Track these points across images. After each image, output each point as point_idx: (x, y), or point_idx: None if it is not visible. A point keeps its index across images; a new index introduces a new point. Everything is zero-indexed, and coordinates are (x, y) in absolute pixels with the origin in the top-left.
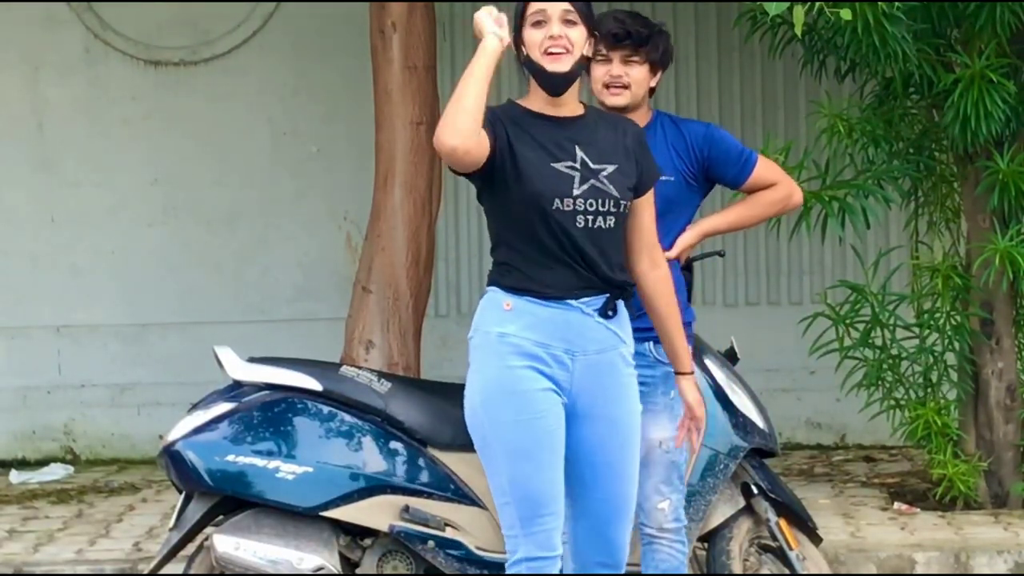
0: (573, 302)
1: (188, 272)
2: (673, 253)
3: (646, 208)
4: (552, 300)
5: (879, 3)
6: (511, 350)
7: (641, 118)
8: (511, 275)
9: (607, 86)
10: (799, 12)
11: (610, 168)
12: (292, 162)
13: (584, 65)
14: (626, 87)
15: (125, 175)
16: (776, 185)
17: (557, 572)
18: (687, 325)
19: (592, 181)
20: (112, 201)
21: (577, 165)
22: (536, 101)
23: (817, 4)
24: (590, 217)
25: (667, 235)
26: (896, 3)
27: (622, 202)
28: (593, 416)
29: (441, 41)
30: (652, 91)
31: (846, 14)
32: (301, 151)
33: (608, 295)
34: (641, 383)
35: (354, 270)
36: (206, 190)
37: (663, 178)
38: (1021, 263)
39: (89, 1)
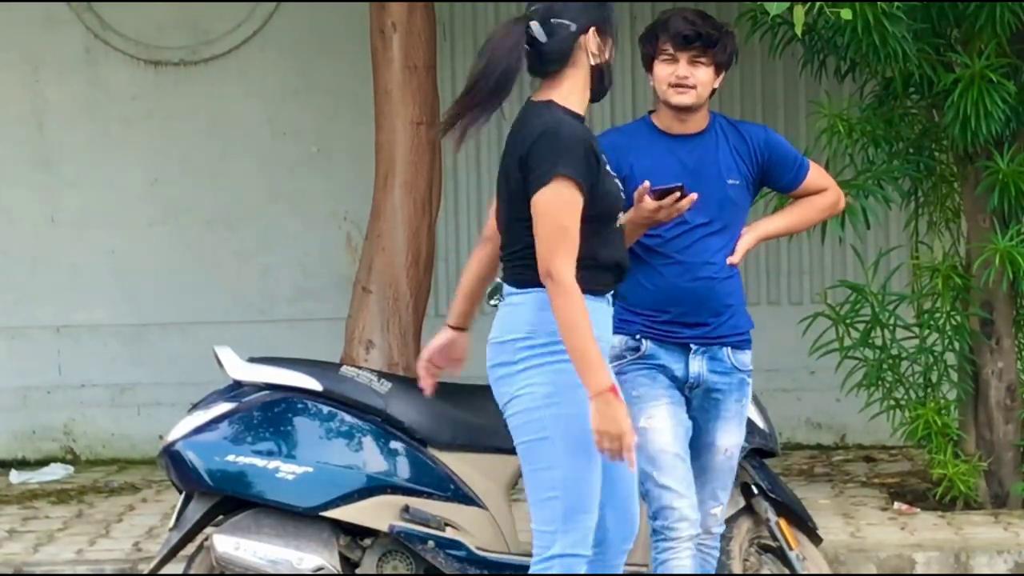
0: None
1: (188, 272)
2: (736, 259)
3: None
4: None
5: (879, 3)
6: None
7: (701, 120)
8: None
9: (672, 85)
10: (799, 12)
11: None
12: (292, 162)
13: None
14: (693, 87)
15: (125, 175)
16: (826, 191)
17: (586, 573)
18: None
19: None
20: (112, 201)
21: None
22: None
23: (817, 4)
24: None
25: (731, 239)
26: (896, 3)
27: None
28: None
29: (441, 41)
30: (713, 92)
31: (846, 14)
32: (301, 151)
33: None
34: (717, 390)
35: (354, 270)
36: (206, 190)
37: (729, 182)
38: (1021, 263)
39: (89, 1)
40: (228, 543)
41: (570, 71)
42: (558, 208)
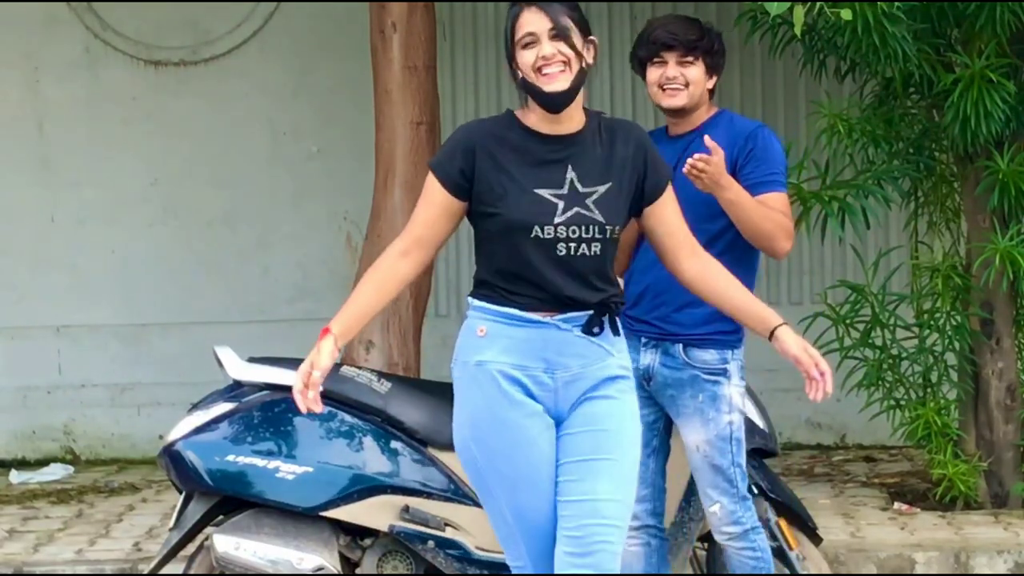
0: (549, 320)
1: (188, 272)
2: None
3: (666, 210)
4: (527, 321)
5: (879, 3)
6: (491, 378)
7: (702, 118)
8: (489, 294)
9: (662, 87)
10: (799, 12)
11: (601, 189)
12: (292, 162)
13: (583, 78)
14: (684, 86)
15: (125, 175)
16: (784, 216)
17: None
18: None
19: (577, 208)
20: (112, 201)
21: (564, 191)
22: (533, 116)
23: (817, 4)
24: (572, 245)
25: (708, 226)
26: (896, 3)
27: (608, 227)
28: (575, 414)
29: (441, 41)
30: (711, 91)
31: (846, 14)
32: (301, 151)
33: (591, 312)
34: (669, 385)
35: (354, 270)
36: (206, 190)
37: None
38: (1021, 263)
39: (89, 1)
40: (228, 543)
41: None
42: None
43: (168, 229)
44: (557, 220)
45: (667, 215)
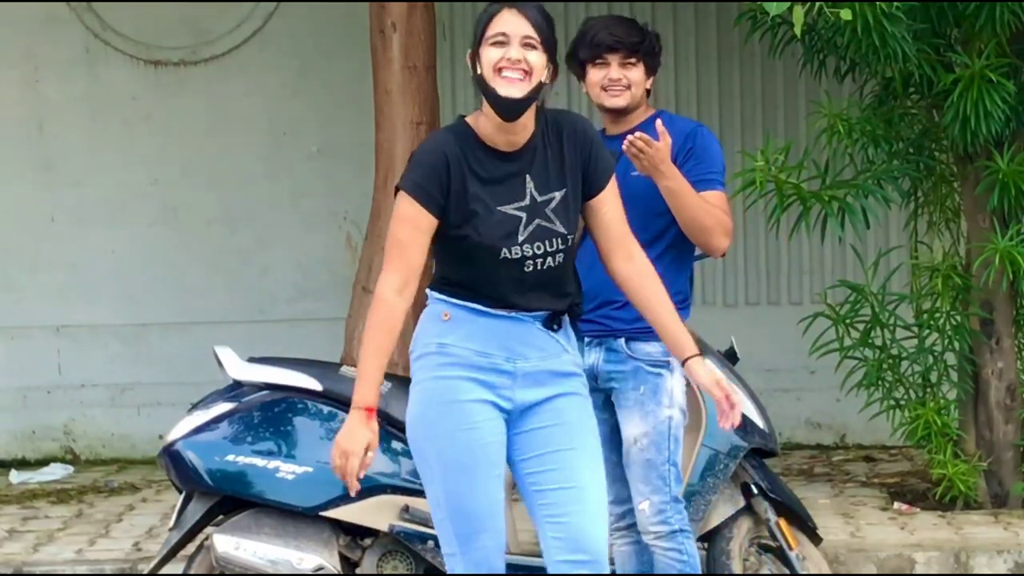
0: (512, 313)
1: (188, 272)
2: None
3: (605, 205)
4: (491, 314)
5: (879, 3)
6: (449, 360)
7: (640, 118)
8: (454, 290)
9: (605, 88)
10: (799, 12)
11: (557, 196)
12: (292, 162)
13: (538, 94)
14: (627, 88)
15: (125, 175)
16: (723, 214)
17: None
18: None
19: (538, 220)
20: (112, 201)
21: (526, 202)
22: (487, 124)
23: (817, 4)
24: (539, 260)
25: (647, 224)
26: (896, 3)
27: (569, 236)
28: (539, 410)
29: (441, 41)
30: (648, 92)
31: (846, 14)
32: (301, 151)
33: (552, 310)
34: (611, 379)
35: (354, 270)
36: (206, 190)
37: (632, 174)
38: (1021, 263)
39: (89, 1)
40: (228, 543)
41: None
42: (392, 220)
43: (168, 229)
44: (521, 238)
45: (605, 212)
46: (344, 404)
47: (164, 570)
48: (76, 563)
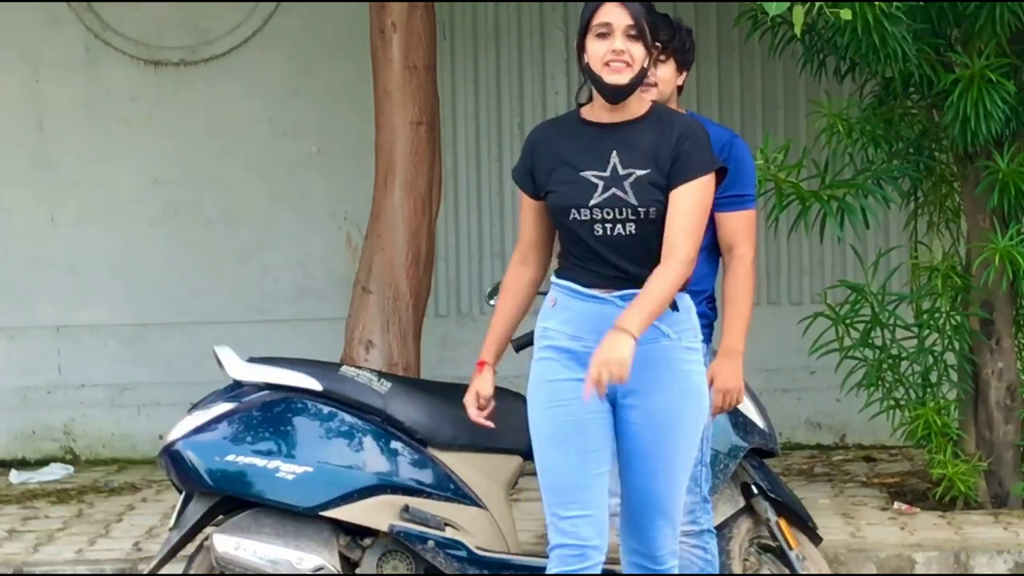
0: (607, 296)
1: (188, 272)
2: None
3: (670, 206)
4: (587, 296)
5: (879, 3)
6: (548, 344)
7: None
8: (562, 267)
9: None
10: (799, 12)
11: (639, 173)
12: (292, 162)
13: (642, 78)
14: (653, 84)
15: (125, 175)
16: (741, 245)
17: (585, 564)
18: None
19: (614, 189)
20: (112, 201)
21: (606, 172)
22: (595, 108)
23: (817, 4)
24: (608, 225)
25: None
26: (896, 3)
27: (641, 209)
28: (630, 405)
29: (441, 41)
30: (680, 89)
31: (846, 14)
32: (301, 151)
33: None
34: None
35: (354, 270)
36: (206, 190)
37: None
38: (1021, 263)
39: (89, 1)
40: (228, 543)
41: None
42: None
43: (168, 229)
44: (592, 202)
45: (670, 209)
46: (344, 404)
47: (164, 570)
48: (76, 563)
